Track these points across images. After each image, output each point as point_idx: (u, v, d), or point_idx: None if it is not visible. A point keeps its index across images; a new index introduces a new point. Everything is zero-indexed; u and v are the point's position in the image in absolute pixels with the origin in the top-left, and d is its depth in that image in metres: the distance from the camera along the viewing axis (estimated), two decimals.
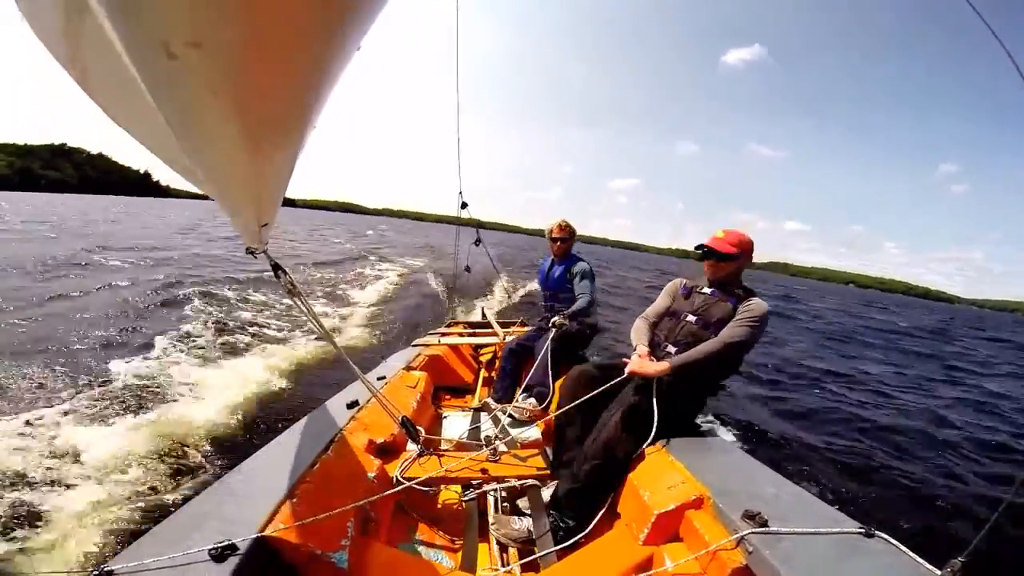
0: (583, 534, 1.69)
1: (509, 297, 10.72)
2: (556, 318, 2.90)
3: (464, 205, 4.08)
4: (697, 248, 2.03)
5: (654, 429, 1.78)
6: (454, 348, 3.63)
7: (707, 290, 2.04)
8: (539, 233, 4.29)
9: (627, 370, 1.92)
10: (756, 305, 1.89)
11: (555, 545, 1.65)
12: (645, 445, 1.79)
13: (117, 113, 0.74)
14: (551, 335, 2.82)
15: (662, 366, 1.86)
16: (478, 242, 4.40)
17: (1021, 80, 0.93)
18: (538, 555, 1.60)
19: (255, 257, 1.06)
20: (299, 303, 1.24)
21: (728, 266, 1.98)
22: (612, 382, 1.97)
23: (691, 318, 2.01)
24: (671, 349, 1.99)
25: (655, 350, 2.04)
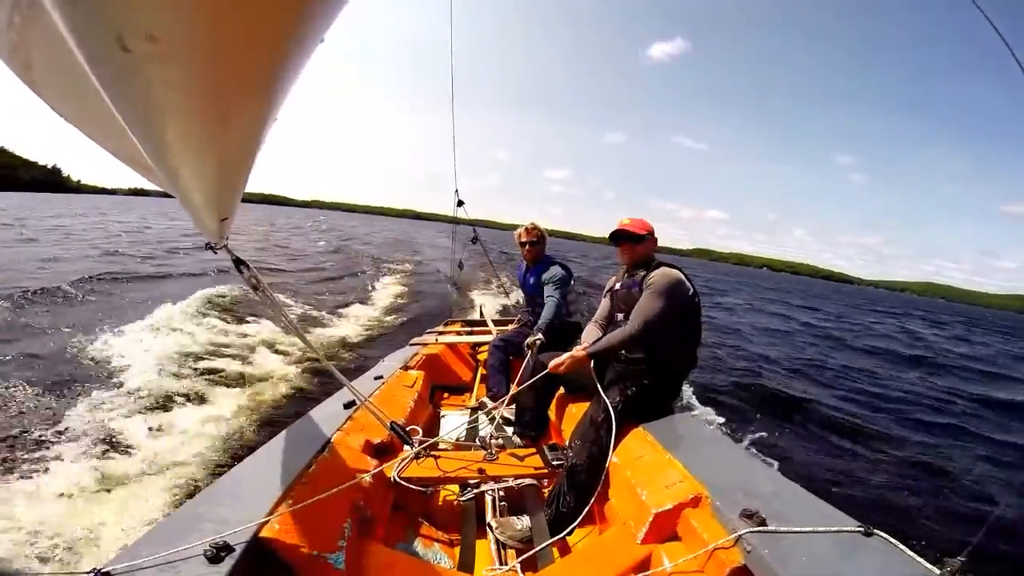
0: (577, 522, 1.71)
1: (506, 294, 10.71)
2: (529, 338, 2.80)
3: (460, 203, 4.07)
4: (611, 236, 2.15)
5: (613, 415, 1.83)
6: (451, 347, 3.62)
7: (618, 286, 2.21)
8: (482, 224, 4.34)
9: (549, 368, 2.08)
10: (658, 275, 1.98)
11: (552, 535, 1.66)
12: (615, 435, 1.82)
13: (66, 110, 0.70)
14: (529, 356, 2.73)
15: (578, 353, 2.02)
16: (475, 240, 4.40)
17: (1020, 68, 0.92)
18: (536, 549, 1.59)
19: (215, 253, 1.03)
20: (264, 298, 1.19)
21: (641, 248, 2.12)
22: (536, 376, 2.20)
23: (619, 316, 2.16)
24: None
25: None
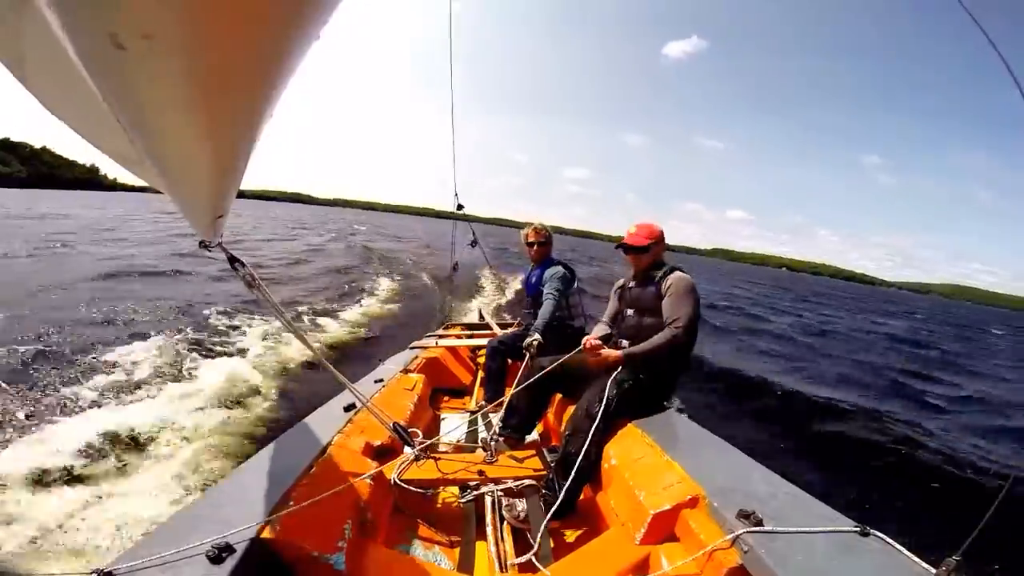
0: (573, 511, 1.76)
1: (503, 293, 10.68)
2: (526, 340, 2.73)
3: (460, 207, 4.10)
4: (617, 247, 2.29)
5: (602, 404, 1.93)
6: (451, 350, 3.63)
7: (631, 284, 2.33)
8: (496, 222, 4.33)
9: (585, 347, 2.16)
10: (676, 279, 2.10)
11: (547, 517, 1.70)
12: (598, 418, 1.90)
13: (57, 105, 0.71)
14: (528, 358, 2.67)
15: (615, 354, 2.10)
16: (474, 243, 4.41)
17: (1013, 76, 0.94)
18: (532, 554, 1.60)
19: (209, 251, 1.01)
20: (261, 296, 1.18)
21: (646, 257, 2.24)
22: (561, 359, 2.22)
23: (629, 312, 2.28)
24: (624, 343, 2.20)
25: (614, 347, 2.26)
